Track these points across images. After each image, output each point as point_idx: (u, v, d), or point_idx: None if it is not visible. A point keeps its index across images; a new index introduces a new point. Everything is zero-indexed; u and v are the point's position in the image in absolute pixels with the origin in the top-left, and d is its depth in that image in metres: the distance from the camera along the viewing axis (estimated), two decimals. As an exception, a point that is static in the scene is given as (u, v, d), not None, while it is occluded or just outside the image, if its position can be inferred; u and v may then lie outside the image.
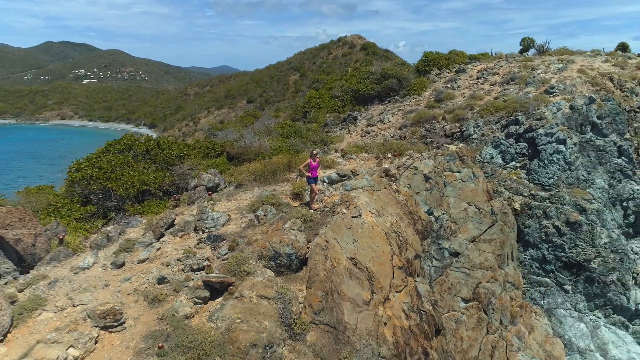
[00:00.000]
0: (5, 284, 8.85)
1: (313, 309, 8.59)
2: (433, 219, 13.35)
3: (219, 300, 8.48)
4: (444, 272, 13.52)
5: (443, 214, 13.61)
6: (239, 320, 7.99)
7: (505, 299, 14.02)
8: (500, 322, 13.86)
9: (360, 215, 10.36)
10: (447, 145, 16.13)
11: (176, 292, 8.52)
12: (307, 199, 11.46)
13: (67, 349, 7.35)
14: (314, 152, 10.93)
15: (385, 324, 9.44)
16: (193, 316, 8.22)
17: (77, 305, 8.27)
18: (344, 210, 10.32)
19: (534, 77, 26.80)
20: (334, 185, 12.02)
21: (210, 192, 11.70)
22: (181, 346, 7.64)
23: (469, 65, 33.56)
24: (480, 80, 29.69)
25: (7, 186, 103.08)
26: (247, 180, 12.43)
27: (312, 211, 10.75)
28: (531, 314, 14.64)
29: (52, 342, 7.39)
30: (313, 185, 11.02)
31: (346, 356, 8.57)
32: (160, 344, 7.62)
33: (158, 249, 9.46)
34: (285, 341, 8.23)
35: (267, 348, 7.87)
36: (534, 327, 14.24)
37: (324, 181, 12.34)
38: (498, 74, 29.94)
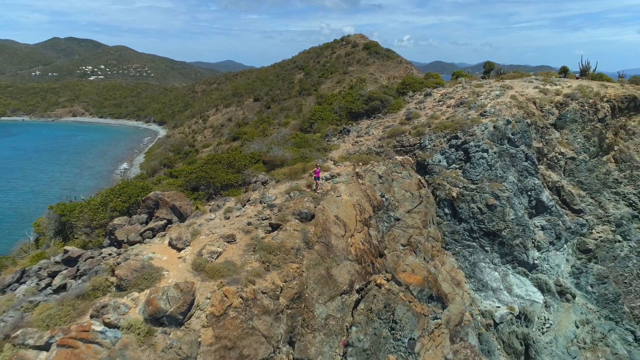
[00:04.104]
0: (178, 226, 19.40)
1: (317, 236, 19.12)
2: (384, 199, 23.80)
3: (275, 232, 18.98)
4: (390, 229, 23.98)
5: (390, 196, 24.05)
6: (285, 239, 18.51)
7: (427, 245, 24.47)
8: (424, 259, 24.30)
9: (340, 195, 20.86)
10: (396, 157, 26.56)
11: (256, 228, 19.04)
12: (314, 187, 21.86)
13: (216, 248, 17.85)
14: (317, 164, 21.38)
15: (351, 246, 19.95)
16: (265, 238, 18.71)
17: (214, 233, 18.80)
18: (332, 193, 20.84)
19: (476, 102, 36.92)
20: (327, 181, 22.46)
21: (263, 184, 22.08)
22: (262, 248, 18.12)
23: (434, 90, 43.76)
24: (440, 102, 39.69)
25: (37, 179, 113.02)
26: (281, 178, 22.82)
27: (317, 193, 21.20)
28: (444, 255, 25.09)
29: (209, 246, 17.89)
30: (317, 181, 21.46)
31: (332, 257, 19.08)
32: (254, 247, 18.14)
33: (244, 211, 19.98)
34: (305, 249, 18.74)
35: (297, 250, 18.39)
36: (445, 262, 24.69)
37: (323, 178, 22.78)
38: (454, 98, 39.99)
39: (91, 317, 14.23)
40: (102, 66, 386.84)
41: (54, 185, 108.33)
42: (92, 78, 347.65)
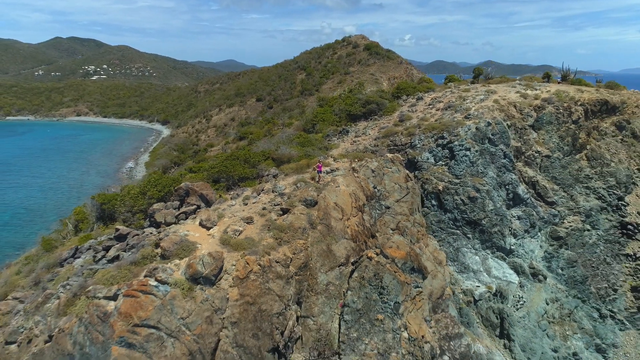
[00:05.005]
0: (206, 210, 23.60)
1: (320, 219, 23.30)
2: (376, 190, 27.96)
3: (285, 215, 23.14)
4: (382, 215, 28.15)
5: (382, 187, 28.22)
6: (294, 220, 22.68)
7: (413, 230, 28.64)
8: (410, 241, 28.47)
9: (339, 186, 25.04)
10: (387, 155, 30.72)
11: (269, 212, 23.21)
12: (317, 179, 26.02)
13: (238, 227, 22.01)
14: (319, 160, 25.53)
15: (348, 227, 24.13)
16: (277, 220, 22.87)
17: (236, 216, 22.98)
18: (332, 184, 25.03)
19: (462, 106, 41.02)
20: (328, 174, 26.65)
21: (274, 177, 26.25)
22: (275, 228, 22.28)
23: (426, 94, 47.91)
24: (430, 106, 43.73)
25: (50, 176, 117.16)
26: (289, 172, 26.99)
27: (319, 184, 25.37)
28: (428, 238, 29.25)
29: (236, 225, 22.05)
30: (319, 174, 25.63)
31: (332, 236, 23.26)
32: (268, 227, 22.30)
33: (259, 198, 24.17)
34: (309, 229, 22.91)
35: (304, 229, 22.55)
36: (429, 245, 28.85)
37: (324, 172, 26.95)
38: (442, 102, 44.08)
39: (145, 276, 18.39)
40: (105, 66, 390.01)
41: (62, 183, 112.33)
42: (94, 78, 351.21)
